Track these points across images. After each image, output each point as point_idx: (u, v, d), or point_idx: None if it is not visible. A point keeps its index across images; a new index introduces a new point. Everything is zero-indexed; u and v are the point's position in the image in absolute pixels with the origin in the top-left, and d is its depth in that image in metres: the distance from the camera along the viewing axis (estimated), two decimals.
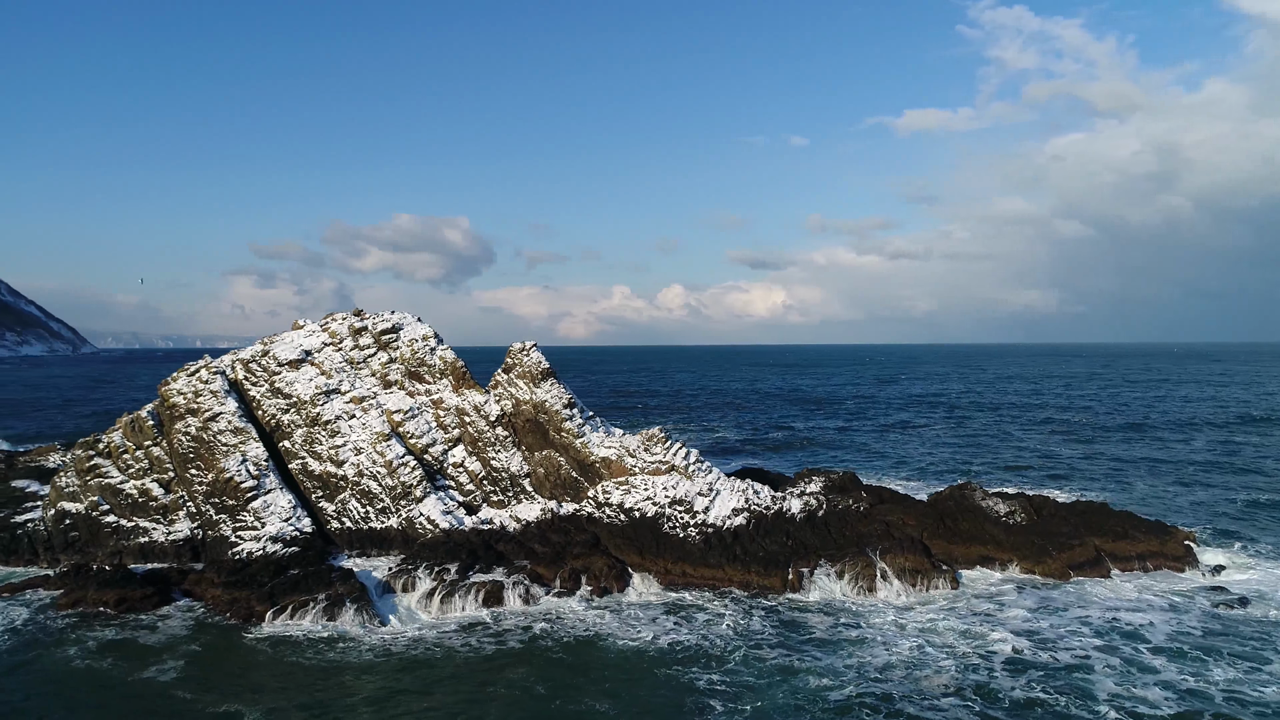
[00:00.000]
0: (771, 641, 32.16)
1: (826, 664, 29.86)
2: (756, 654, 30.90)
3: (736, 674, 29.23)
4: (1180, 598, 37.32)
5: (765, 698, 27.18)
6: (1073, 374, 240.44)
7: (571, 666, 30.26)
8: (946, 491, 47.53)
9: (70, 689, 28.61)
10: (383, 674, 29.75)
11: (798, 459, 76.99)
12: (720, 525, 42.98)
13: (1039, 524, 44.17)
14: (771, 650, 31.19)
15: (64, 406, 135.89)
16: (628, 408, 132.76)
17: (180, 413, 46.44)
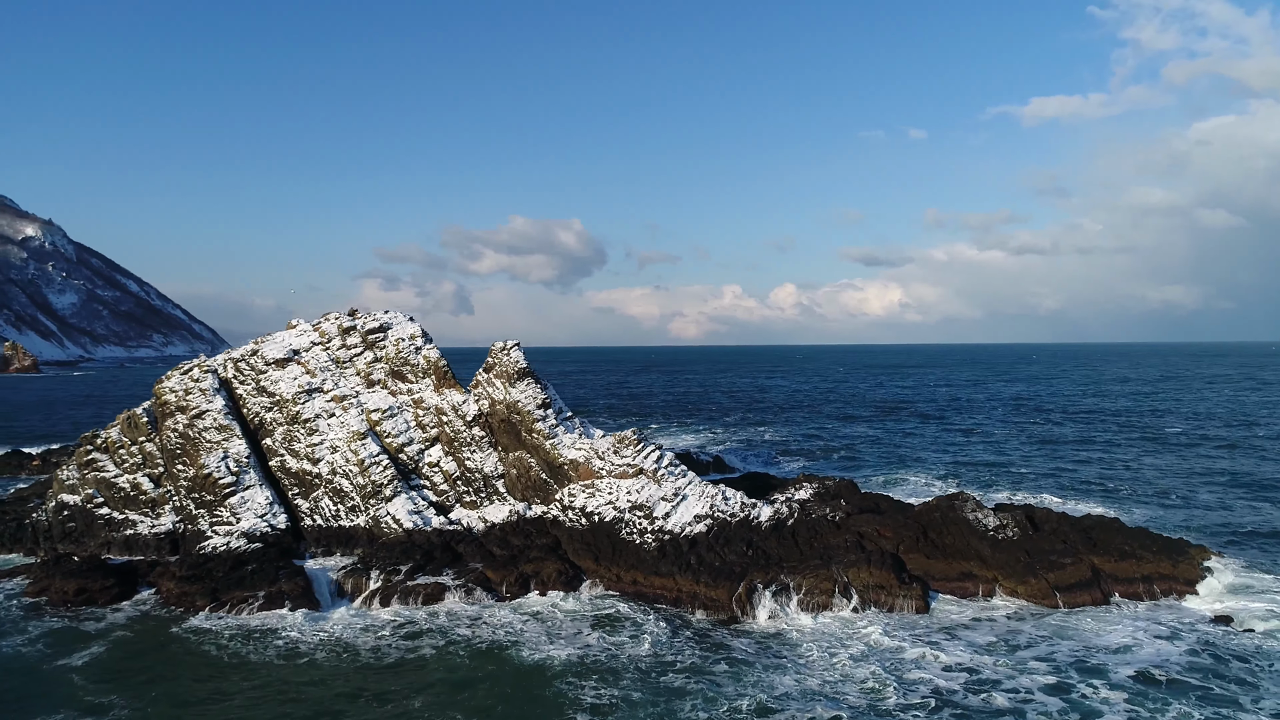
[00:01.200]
0: (683, 662, 30.20)
1: (724, 689, 27.73)
2: (658, 673, 29.09)
3: (626, 692, 27.55)
4: (1172, 627, 33.13)
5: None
6: (1211, 375, 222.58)
7: (463, 676, 29.27)
8: (934, 502, 44.04)
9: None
10: (271, 670, 29.59)
11: (831, 465, 73.70)
12: (678, 533, 41.11)
13: (1031, 540, 40.28)
14: (677, 672, 29.26)
15: None
16: (695, 409, 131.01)
17: (171, 410, 48.07)
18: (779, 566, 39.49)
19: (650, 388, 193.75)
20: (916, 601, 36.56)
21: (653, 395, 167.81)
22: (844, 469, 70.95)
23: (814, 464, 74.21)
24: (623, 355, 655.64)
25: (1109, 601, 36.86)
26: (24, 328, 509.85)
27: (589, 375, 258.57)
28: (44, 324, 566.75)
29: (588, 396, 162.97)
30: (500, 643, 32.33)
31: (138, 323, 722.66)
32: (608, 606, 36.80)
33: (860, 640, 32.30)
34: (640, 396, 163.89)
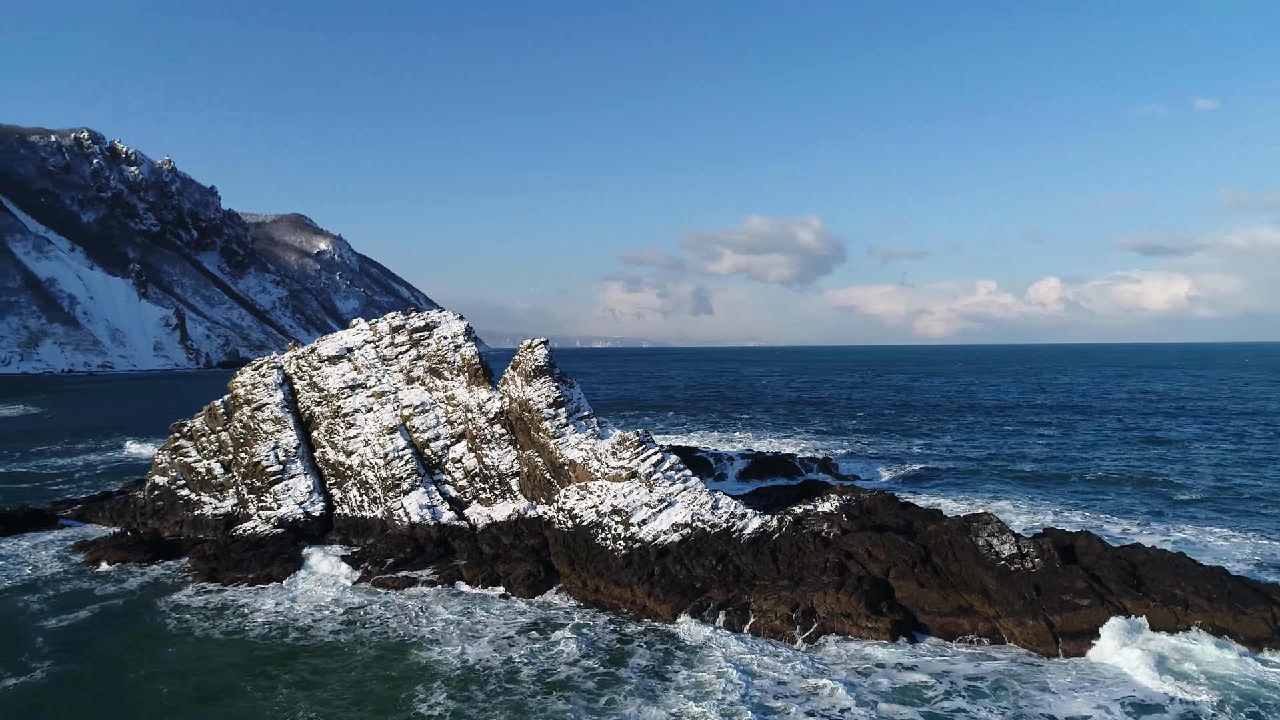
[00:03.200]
0: (574, 679, 28.27)
1: (582, 708, 25.79)
2: (533, 689, 27.54)
3: (475, 703, 26.37)
4: (1160, 699, 26.37)
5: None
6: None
7: (345, 666, 29.30)
8: (946, 523, 38.20)
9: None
10: (195, 643, 31.15)
11: (933, 485, 66.72)
12: (649, 541, 38.87)
13: (1051, 574, 33.82)
14: (553, 688, 27.54)
15: None
16: (876, 413, 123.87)
17: (240, 402, 52.78)
18: (749, 584, 36.28)
19: (865, 389, 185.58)
20: (883, 635, 31.97)
21: (875, 398, 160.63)
22: (953, 490, 63.95)
23: (951, 482, 67.45)
24: (863, 355, 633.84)
25: (1120, 654, 30.12)
26: (312, 330, 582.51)
27: (828, 376, 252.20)
28: (331, 326, 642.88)
29: (822, 399, 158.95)
30: (418, 638, 31.99)
31: None
32: (555, 613, 35.47)
33: (776, 675, 28.69)
34: (855, 399, 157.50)
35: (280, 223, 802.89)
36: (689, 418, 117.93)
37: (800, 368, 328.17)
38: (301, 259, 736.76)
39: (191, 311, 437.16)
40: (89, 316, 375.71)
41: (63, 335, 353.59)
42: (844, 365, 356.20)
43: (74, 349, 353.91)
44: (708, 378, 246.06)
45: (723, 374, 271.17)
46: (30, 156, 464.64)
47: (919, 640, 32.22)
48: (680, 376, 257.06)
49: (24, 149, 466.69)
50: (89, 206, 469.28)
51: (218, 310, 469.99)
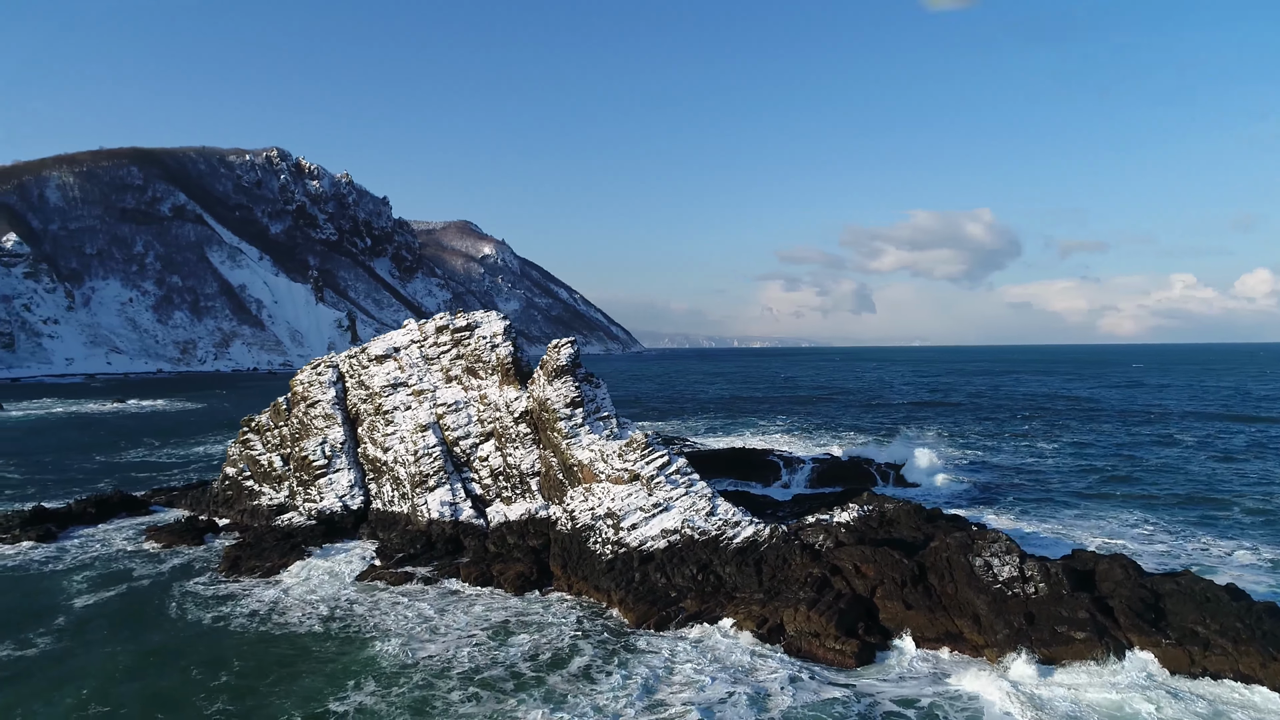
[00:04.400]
0: (484, 676, 27.95)
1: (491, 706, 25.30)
2: (444, 689, 27.29)
3: (393, 703, 26.38)
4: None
5: None
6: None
7: (299, 660, 30.03)
8: (949, 539, 34.63)
9: (39, 584, 37.32)
10: (170, 626, 32.82)
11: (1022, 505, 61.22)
12: (635, 546, 37.67)
13: (1054, 600, 30.06)
14: (463, 690, 27.22)
15: None
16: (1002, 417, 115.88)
17: (298, 399, 55.65)
18: (728, 597, 34.53)
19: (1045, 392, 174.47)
20: (848, 661, 29.43)
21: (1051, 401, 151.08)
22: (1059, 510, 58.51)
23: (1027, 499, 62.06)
24: (1035, 355, 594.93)
25: (1094, 693, 26.31)
26: None
27: (978, 377, 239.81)
28: None
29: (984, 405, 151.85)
30: (380, 633, 32.12)
31: (564, 325, 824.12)
32: (531, 616, 34.87)
33: (682, 682, 27.02)
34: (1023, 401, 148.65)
35: (448, 229, 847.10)
36: (788, 419, 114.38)
37: (954, 368, 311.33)
38: (467, 263, 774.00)
39: (362, 314, 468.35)
40: (273, 319, 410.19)
41: (250, 336, 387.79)
42: (1007, 365, 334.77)
43: (259, 349, 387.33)
44: (842, 379, 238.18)
45: (860, 374, 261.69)
46: (228, 174, 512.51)
47: (890, 663, 29.47)
48: (811, 378, 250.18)
49: (223, 168, 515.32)
50: (277, 218, 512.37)
51: (386, 312, 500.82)
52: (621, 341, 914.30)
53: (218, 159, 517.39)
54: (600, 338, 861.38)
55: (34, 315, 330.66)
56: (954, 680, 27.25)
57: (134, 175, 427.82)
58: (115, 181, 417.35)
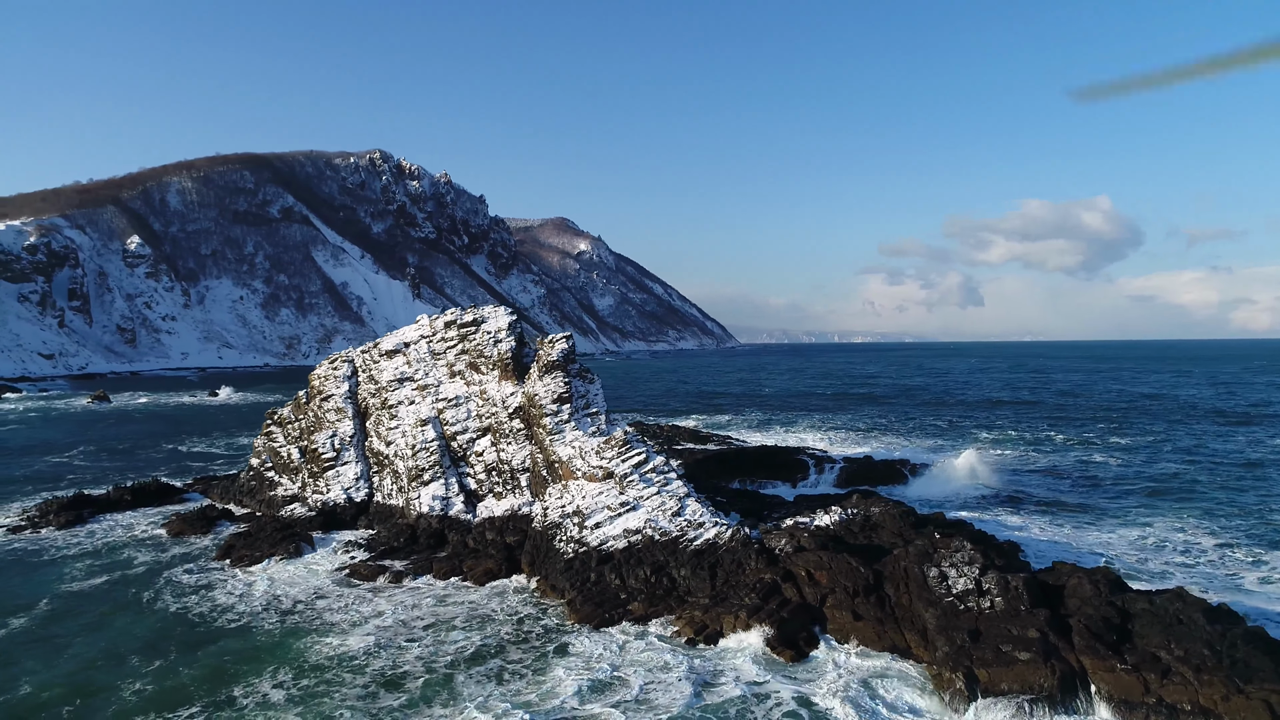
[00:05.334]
0: (397, 672, 27.71)
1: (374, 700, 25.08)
2: (354, 684, 27.19)
3: (292, 694, 26.48)
4: None
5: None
6: None
7: (235, 651, 30.45)
8: (910, 547, 32.35)
9: (45, 565, 39.30)
10: (139, 615, 33.90)
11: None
12: (595, 546, 36.84)
13: (1006, 618, 27.71)
14: (374, 686, 27.08)
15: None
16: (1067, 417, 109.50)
17: (314, 393, 57.00)
18: (680, 601, 33.41)
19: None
20: (784, 660, 27.92)
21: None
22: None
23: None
24: (1156, 350, 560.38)
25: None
26: (566, 325, 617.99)
27: (1075, 375, 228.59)
28: (586, 323, 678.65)
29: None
30: (325, 625, 32.22)
31: (659, 321, 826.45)
32: (484, 612, 34.50)
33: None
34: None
35: (545, 226, 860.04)
36: (849, 416, 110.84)
37: (1059, 364, 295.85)
38: (563, 259, 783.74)
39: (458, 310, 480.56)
40: (372, 315, 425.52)
41: (350, 332, 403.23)
42: (1117, 362, 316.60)
43: (357, 344, 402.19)
44: (927, 376, 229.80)
45: (949, 371, 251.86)
46: (334, 177, 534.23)
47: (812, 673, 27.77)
48: (893, 374, 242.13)
49: (329, 170, 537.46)
50: (378, 218, 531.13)
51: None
52: (716, 336, 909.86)
53: (324, 162, 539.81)
54: (694, 333, 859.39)
55: (154, 313, 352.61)
56: (874, 692, 25.43)
57: (246, 179, 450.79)
58: (229, 185, 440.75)
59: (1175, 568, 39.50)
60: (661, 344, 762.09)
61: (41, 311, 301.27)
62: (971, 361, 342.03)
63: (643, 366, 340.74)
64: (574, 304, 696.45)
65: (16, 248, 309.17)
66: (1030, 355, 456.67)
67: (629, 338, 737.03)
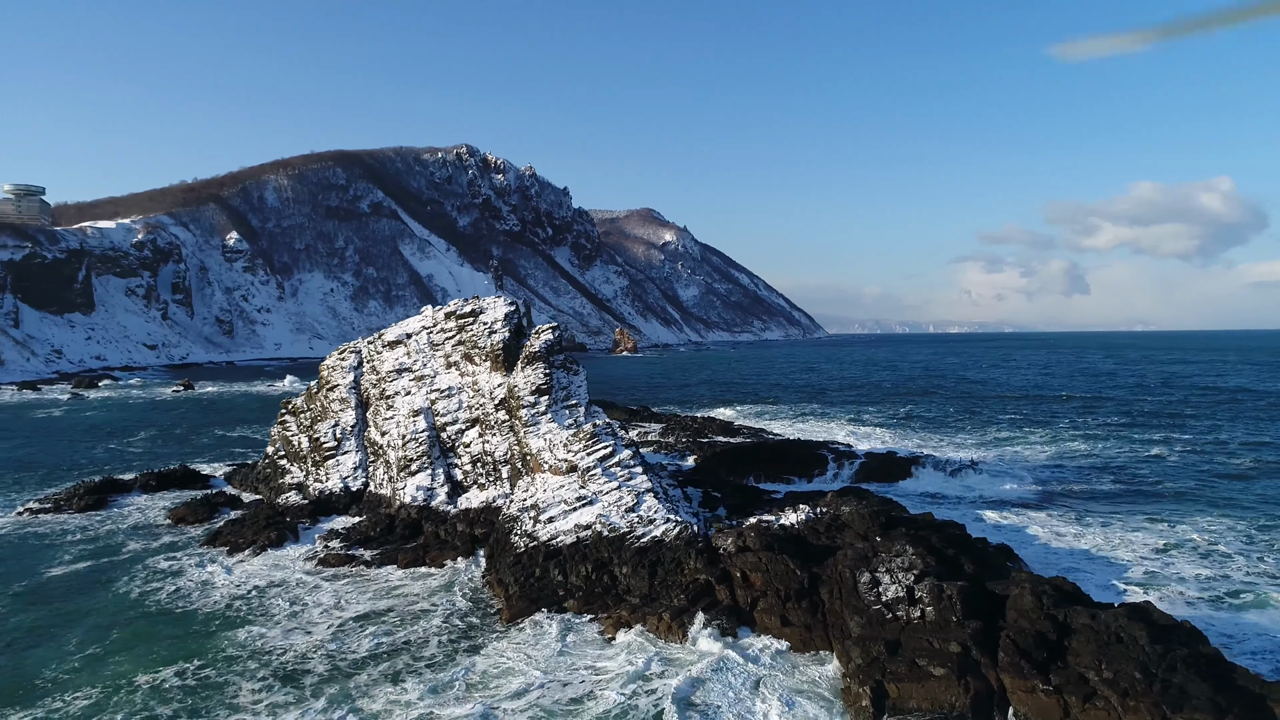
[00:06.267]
0: (297, 667, 27.61)
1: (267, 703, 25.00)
2: (252, 677, 27.19)
3: (186, 683, 26.65)
4: None
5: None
6: None
7: (162, 638, 30.93)
8: (852, 550, 30.38)
9: (38, 546, 41.07)
10: (101, 598, 34.89)
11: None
12: (544, 541, 36.08)
13: (933, 629, 25.70)
14: (268, 680, 27.07)
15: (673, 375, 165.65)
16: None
17: (323, 383, 57.99)
18: (617, 600, 32.40)
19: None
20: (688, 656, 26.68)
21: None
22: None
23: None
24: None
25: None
26: (649, 316, 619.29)
27: (1200, 368, 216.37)
28: (669, 313, 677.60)
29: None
30: (257, 616, 32.27)
31: (744, 311, 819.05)
32: (420, 605, 34.07)
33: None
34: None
35: (631, 217, 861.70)
36: (904, 409, 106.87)
37: (1162, 355, 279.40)
38: (648, 250, 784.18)
39: (541, 301, 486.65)
40: None
41: None
42: (1225, 353, 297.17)
43: None
44: (1007, 368, 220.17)
45: (1032, 363, 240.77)
46: (422, 172, 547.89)
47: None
48: (969, 365, 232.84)
49: (418, 166, 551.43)
50: (464, 212, 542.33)
51: (563, 300, 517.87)
52: (803, 327, 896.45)
53: (413, 157, 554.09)
54: (780, 323, 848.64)
55: (250, 305, 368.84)
56: (770, 705, 23.93)
57: (338, 176, 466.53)
58: (322, 182, 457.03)
59: (1184, 579, 36.35)
60: (746, 334, 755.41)
61: (147, 304, 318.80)
62: (1060, 353, 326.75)
63: (714, 357, 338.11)
64: (657, 295, 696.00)
65: (126, 244, 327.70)
66: (1135, 346, 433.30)
67: (713, 328, 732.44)
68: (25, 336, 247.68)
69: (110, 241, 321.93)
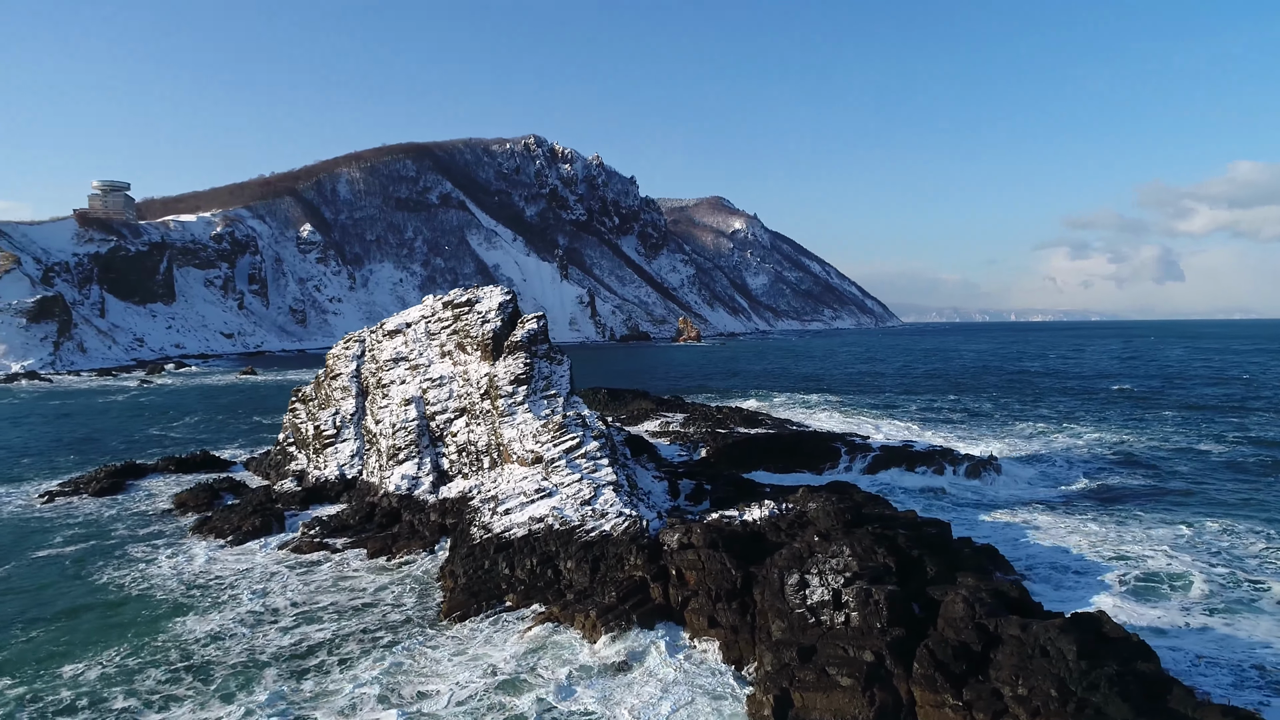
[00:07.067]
0: (218, 663, 27.70)
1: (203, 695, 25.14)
2: (168, 665, 27.40)
3: (104, 673, 26.99)
4: None
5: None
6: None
7: (122, 622, 31.37)
8: (788, 549, 28.89)
9: (41, 528, 42.52)
10: (66, 582, 35.86)
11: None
12: (498, 532, 35.57)
13: (854, 636, 24.22)
14: (174, 670, 27.24)
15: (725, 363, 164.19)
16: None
17: (329, 372, 58.69)
18: (558, 595, 31.72)
19: None
20: (601, 660, 25.84)
21: None
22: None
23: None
24: None
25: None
26: (716, 305, 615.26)
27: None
28: (737, 302, 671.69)
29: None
30: (213, 603, 32.65)
31: (814, 299, 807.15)
32: (365, 597, 33.77)
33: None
34: None
35: (700, 205, 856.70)
36: (924, 400, 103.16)
37: (1252, 346, 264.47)
38: (717, 238, 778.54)
39: (605, 290, 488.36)
40: (520, 296, 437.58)
41: None
42: None
43: None
44: (1076, 359, 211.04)
45: (1108, 353, 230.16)
46: (490, 163, 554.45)
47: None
48: (1034, 354, 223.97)
49: (487, 157, 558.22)
50: (531, 202, 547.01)
51: (628, 289, 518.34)
52: (875, 315, 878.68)
53: (481, 149, 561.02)
54: (851, 311, 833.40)
55: (322, 295, 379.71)
56: (670, 709, 22.90)
57: (408, 168, 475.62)
58: (393, 174, 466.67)
59: (1189, 584, 33.96)
60: (816, 323, 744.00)
61: (224, 295, 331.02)
62: (1136, 342, 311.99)
63: (773, 346, 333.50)
64: (725, 283, 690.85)
65: (205, 237, 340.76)
66: (1229, 335, 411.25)
67: (782, 317, 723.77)
68: (110, 326, 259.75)
69: (191, 234, 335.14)
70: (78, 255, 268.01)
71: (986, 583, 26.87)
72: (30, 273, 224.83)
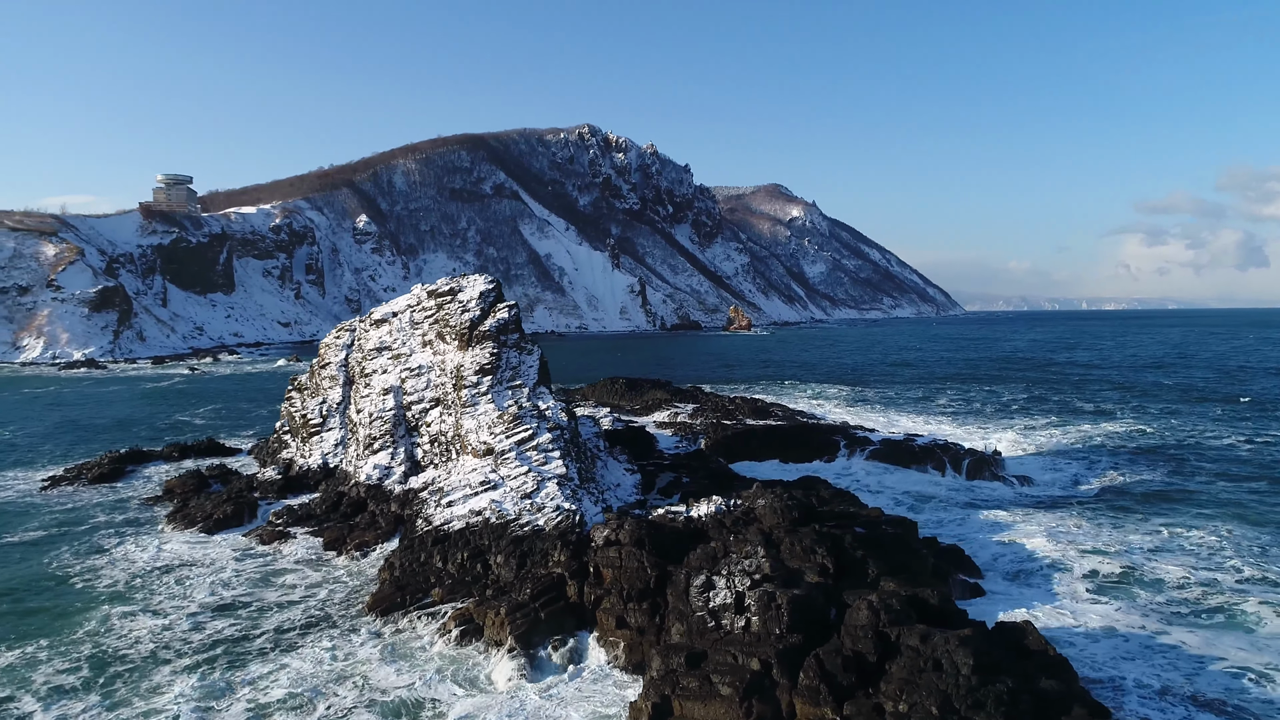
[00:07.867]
0: (122, 655, 27.63)
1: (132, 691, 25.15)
2: (82, 665, 27.46)
3: (32, 661, 27.18)
4: None
5: None
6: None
7: (61, 611, 31.66)
8: (707, 548, 27.53)
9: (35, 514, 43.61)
10: (31, 573, 36.53)
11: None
12: (438, 525, 34.98)
13: (744, 643, 22.93)
14: (93, 667, 27.24)
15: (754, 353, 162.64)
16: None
17: (320, 360, 58.97)
18: (481, 590, 31.03)
19: None
20: (496, 668, 25.05)
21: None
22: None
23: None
24: None
25: None
26: (771, 293, 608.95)
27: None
28: (793, 290, 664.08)
29: None
30: (141, 593, 32.43)
31: (873, 288, 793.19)
32: (297, 591, 33.37)
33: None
34: None
35: (757, 193, 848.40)
36: (950, 394, 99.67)
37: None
38: (774, 226, 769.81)
39: (658, 279, 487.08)
40: (573, 285, 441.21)
41: (551, 301, 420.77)
42: None
43: (559, 313, 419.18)
44: (1122, 352, 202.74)
45: (1190, 344, 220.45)
46: (544, 153, 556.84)
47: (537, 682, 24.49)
48: (1103, 346, 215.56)
49: (540, 147, 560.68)
50: (585, 191, 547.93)
51: (680, 278, 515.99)
52: (937, 304, 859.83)
53: (536, 139, 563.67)
54: (912, 300, 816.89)
55: (377, 284, 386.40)
56: (535, 709, 21.99)
57: (462, 159, 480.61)
58: (447, 165, 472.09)
59: (1164, 587, 31.88)
60: (874, 312, 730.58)
61: (281, 285, 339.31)
62: (1198, 331, 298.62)
63: (820, 335, 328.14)
64: (781, 271, 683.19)
65: (264, 229, 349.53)
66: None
67: (840, 305, 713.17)
68: (171, 315, 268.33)
69: (250, 226, 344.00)
70: (142, 247, 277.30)
71: (906, 587, 25.26)
72: (94, 264, 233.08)
